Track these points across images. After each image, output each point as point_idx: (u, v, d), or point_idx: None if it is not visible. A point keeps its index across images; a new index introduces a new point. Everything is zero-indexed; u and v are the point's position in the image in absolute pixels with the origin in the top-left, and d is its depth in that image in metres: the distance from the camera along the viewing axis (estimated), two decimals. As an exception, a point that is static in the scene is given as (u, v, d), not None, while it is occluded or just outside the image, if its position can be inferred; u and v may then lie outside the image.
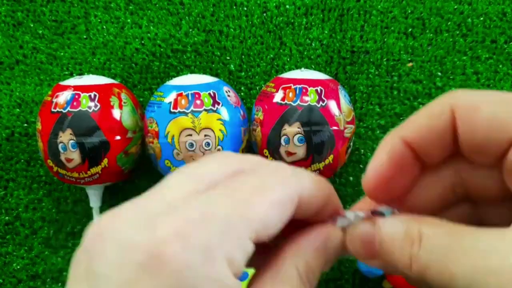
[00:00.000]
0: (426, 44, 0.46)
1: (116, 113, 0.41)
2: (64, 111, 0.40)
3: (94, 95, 0.41)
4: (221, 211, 0.15)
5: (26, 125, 0.49)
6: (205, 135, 0.39)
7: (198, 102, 0.39)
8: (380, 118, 0.47)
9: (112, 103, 0.41)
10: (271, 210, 0.16)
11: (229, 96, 0.41)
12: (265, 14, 0.48)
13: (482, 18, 0.46)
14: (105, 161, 0.41)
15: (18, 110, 0.49)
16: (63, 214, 0.48)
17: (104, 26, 0.49)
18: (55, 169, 0.42)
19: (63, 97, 0.41)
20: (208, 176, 0.17)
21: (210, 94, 0.40)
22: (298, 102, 0.39)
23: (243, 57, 0.48)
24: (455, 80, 0.46)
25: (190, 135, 0.39)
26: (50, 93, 0.42)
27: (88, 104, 0.40)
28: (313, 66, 0.47)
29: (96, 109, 0.40)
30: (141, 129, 0.43)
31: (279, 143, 0.40)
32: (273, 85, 0.42)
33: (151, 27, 0.48)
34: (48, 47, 0.49)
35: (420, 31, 0.46)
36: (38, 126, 0.42)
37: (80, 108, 0.40)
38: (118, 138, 0.41)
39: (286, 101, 0.40)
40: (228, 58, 0.48)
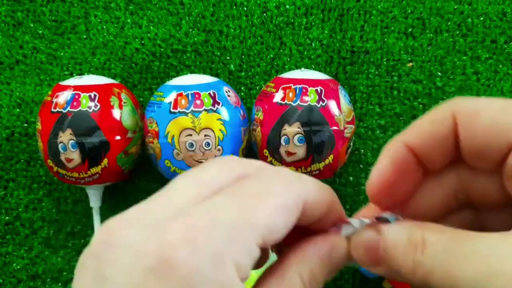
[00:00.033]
0: (426, 44, 0.46)
1: (116, 113, 0.41)
2: (64, 111, 0.40)
3: (94, 95, 0.41)
4: (227, 217, 0.15)
5: (26, 125, 0.49)
6: (205, 135, 0.39)
7: (198, 102, 0.39)
8: (380, 118, 0.47)
9: (112, 103, 0.41)
10: (277, 215, 0.16)
11: (229, 96, 0.41)
12: (265, 14, 0.48)
13: (482, 18, 0.46)
14: (105, 161, 0.41)
15: (18, 110, 0.49)
16: (63, 214, 0.48)
17: (104, 26, 0.49)
18: (55, 169, 0.42)
19: (63, 97, 0.41)
20: (213, 180, 0.17)
21: (210, 94, 0.40)
22: (298, 102, 0.39)
23: (243, 57, 0.48)
24: (455, 80, 0.46)
25: (190, 135, 0.39)
26: (50, 93, 0.42)
27: (88, 104, 0.40)
28: (313, 66, 0.47)
29: (96, 109, 0.40)
30: (141, 129, 0.43)
31: (279, 143, 0.40)
32: (273, 85, 0.42)
33: (151, 27, 0.48)
34: (48, 47, 0.49)
35: (420, 31, 0.46)
36: (38, 126, 0.42)
37: (80, 108, 0.40)
38: (118, 138, 0.41)
39: (286, 101, 0.40)
40: (228, 58, 0.48)
